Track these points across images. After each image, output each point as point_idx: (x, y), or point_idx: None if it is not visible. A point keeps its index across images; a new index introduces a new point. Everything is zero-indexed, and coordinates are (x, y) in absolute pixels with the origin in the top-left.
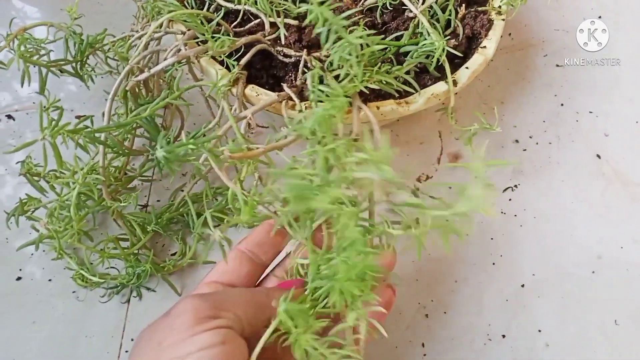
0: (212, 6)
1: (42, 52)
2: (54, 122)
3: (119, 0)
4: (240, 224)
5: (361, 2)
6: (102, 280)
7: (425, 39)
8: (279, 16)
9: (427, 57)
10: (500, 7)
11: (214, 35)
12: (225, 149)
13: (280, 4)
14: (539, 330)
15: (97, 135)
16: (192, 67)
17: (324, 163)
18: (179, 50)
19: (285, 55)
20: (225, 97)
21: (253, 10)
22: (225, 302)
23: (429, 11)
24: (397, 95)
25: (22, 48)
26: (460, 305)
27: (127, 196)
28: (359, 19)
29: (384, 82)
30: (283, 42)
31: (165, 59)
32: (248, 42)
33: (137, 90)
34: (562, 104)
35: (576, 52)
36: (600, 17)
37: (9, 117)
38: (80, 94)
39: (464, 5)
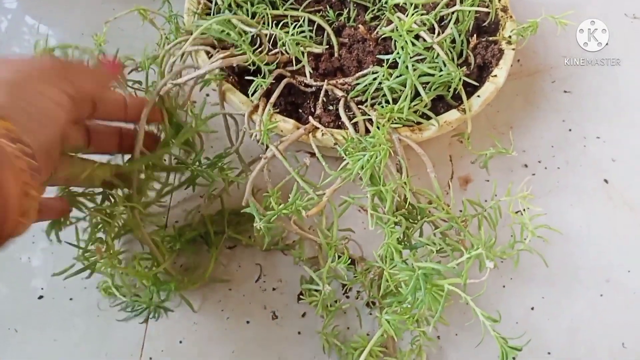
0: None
1: None
2: None
3: (139, 25)
4: (256, 246)
5: (375, 32)
6: (123, 299)
7: (442, 69)
8: (302, 53)
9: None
10: (510, 37)
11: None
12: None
13: (303, 40)
14: (549, 353)
15: None
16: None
17: (391, 202)
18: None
19: (306, 85)
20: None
21: (279, 37)
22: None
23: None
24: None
25: None
26: (471, 327)
27: (157, 217)
28: (374, 47)
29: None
30: (308, 77)
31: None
32: (275, 77)
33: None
34: (570, 130)
35: (584, 78)
36: (607, 44)
37: None
38: None
39: (475, 35)
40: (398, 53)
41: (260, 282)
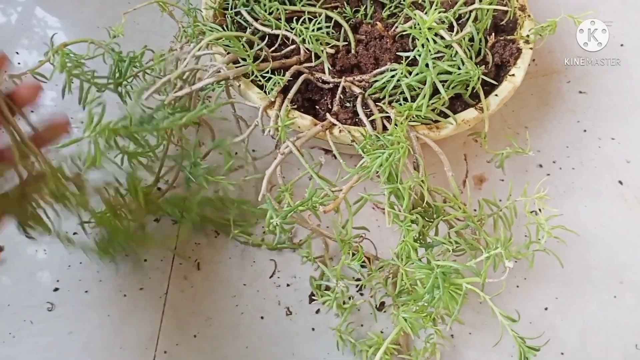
0: (249, 30)
1: (83, 67)
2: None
3: (155, 19)
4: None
5: (393, 29)
6: None
7: (460, 68)
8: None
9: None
10: (528, 36)
11: (264, 74)
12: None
13: (322, 36)
14: (562, 353)
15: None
16: (228, 87)
17: (408, 200)
18: (219, 71)
19: (323, 82)
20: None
21: (292, 36)
22: None
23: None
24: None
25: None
26: (485, 326)
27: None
28: (391, 45)
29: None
30: (327, 73)
31: (203, 78)
32: (292, 73)
33: (173, 104)
34: (585, 130)
35: (600, 79)
36: (622, 45)
37: None
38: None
39: (493, 33)
40: (418, 50)
41: (275, 277)
